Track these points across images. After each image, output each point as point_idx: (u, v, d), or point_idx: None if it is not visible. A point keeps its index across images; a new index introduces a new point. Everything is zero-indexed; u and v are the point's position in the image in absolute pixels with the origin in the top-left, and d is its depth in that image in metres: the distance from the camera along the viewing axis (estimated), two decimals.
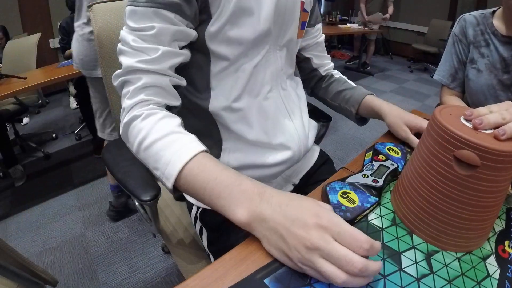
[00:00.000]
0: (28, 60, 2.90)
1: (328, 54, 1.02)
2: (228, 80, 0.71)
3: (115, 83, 0.64)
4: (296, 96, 0.86)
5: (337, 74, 1.02)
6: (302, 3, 0.77)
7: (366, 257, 0.42)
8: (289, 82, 0.84)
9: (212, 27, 0.65)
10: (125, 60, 0.61)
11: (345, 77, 1.00)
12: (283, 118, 0.80)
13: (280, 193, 0.50)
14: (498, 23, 1.16)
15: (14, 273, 0.95)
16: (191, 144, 0.56)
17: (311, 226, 0.43)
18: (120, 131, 0.64)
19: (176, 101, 0.67)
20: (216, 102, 0.72)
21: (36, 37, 3.06)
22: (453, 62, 1.28)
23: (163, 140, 0.56)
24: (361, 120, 0.96)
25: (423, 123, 0.78)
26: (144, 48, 0.60)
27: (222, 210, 0.51)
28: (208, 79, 0.71)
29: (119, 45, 0.63)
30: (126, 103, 0.62)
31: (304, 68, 1.01)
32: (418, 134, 0.79)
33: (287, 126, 0.81)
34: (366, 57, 5.76)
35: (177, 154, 0.54)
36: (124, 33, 0.62)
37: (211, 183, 0.52)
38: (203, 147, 0.57)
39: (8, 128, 2.78)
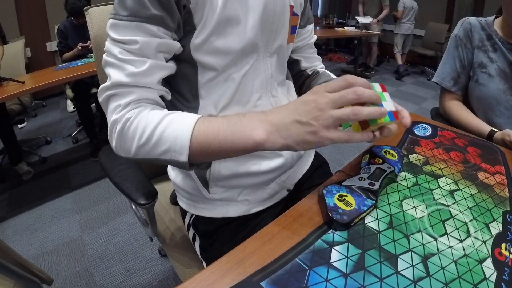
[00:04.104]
0: (17, 65, 2.92)
1: (325, 57, 0.99)
2: (217, 89, 0.69)
3: (101, 97, 0.61)
4: (287, 102, 0.82)
5: (322, 69, 0.97)
6: (292, 7, 0.74)
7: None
8: (280, 89, 0.81)
9: (196, 39, 0.63)
10: (113, 73, 0.59)
11: (329, 72, 0.95)
12: None
13: (281, 105, 0.58)
14: (499, 31, 1.16)
15: (11, 271, 0.95)
16: (188, 115, 0.59)
17: (311, 98, 0.53)
18: (114, 143, 0.62)
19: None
20: (205, 112, 0.70)
21: (21, 43, 3.11)
22: (455, 66, 1.25)
23: (161, 124, 0.57)
24: None
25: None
26: (131, 60, 0.58)
27: (242, 142, 0.55)
28: (197, 89, 0.69)
29: (105, 56, 0.61)
30: (116, 116, 0.59)
31: (291, 69, 0.97)
32: None
33: None
34: (369, 61, 5.77)
35: (180, 127, 0.56)
36: (109, 45, 0.60)
37: (221, 129, 0.56)
38: (198, 115, 0.59)
39: None
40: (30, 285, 1.05)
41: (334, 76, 0.92)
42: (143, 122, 0.57)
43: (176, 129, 0.56)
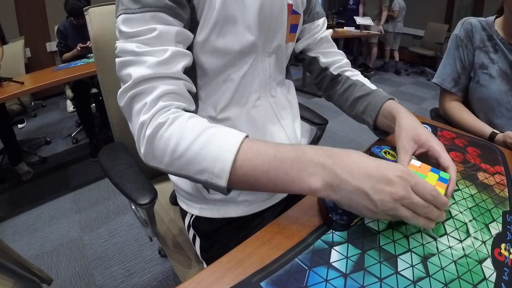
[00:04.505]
0: (17, 65, 2.93)
1: None
2: (216, 91, 0.69)
3: (123, 101, 0.56)
4: (286, 102, 0.83)
5: (353, 76, 0.89)
6: (290, 6, 0.73)
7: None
8: (279, 89, 0.81)
9: (199, 36, 0.63)
10: (133, 71, 0.54)
11: (363, 80, 0.88)
12: (272, 125, 0.78)
13: (346, 150, 0.52)
14: (500, 32, 1.15)
15: (11, 271, 0.95)
16: (233, 133, 0.52)
17: (395, 180, 0.47)
18: (142, 150, 0.55)
19: (192, 106, 0.60)
20: (204, 113, 0.70)
21: (21, 43, 3.14)
22: (456, 67, 1.24)
23: (200, 138, 0.50)
24: (383, 133, 0.85)
25: (434, 144, 0.67)
26: (151, 51, 0.54)
27: (294, 185, 0.50)
28: (196, 91, 0.68)
29: (119, 59, 0.56)
30: (144, 117, 0.53)
31: (313, 70, 0.94)
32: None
33: (277, 134, 0.78)
34: (369, 61, 5.79)
35: (223, 147, 0.50)
36: (123, 44, 0.55)
37: (272, 163, 0.49)
38: (244, 133, 0.52)
39: None
40: (29, 285, 1.05)
41: (371, 86, 0.86)
42: (179, 132, 0.51)
43: (218, 147, 0.50)
